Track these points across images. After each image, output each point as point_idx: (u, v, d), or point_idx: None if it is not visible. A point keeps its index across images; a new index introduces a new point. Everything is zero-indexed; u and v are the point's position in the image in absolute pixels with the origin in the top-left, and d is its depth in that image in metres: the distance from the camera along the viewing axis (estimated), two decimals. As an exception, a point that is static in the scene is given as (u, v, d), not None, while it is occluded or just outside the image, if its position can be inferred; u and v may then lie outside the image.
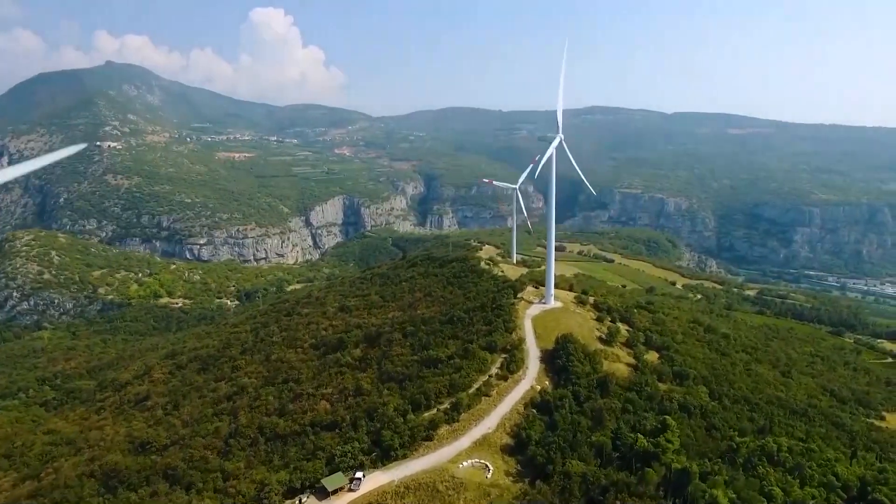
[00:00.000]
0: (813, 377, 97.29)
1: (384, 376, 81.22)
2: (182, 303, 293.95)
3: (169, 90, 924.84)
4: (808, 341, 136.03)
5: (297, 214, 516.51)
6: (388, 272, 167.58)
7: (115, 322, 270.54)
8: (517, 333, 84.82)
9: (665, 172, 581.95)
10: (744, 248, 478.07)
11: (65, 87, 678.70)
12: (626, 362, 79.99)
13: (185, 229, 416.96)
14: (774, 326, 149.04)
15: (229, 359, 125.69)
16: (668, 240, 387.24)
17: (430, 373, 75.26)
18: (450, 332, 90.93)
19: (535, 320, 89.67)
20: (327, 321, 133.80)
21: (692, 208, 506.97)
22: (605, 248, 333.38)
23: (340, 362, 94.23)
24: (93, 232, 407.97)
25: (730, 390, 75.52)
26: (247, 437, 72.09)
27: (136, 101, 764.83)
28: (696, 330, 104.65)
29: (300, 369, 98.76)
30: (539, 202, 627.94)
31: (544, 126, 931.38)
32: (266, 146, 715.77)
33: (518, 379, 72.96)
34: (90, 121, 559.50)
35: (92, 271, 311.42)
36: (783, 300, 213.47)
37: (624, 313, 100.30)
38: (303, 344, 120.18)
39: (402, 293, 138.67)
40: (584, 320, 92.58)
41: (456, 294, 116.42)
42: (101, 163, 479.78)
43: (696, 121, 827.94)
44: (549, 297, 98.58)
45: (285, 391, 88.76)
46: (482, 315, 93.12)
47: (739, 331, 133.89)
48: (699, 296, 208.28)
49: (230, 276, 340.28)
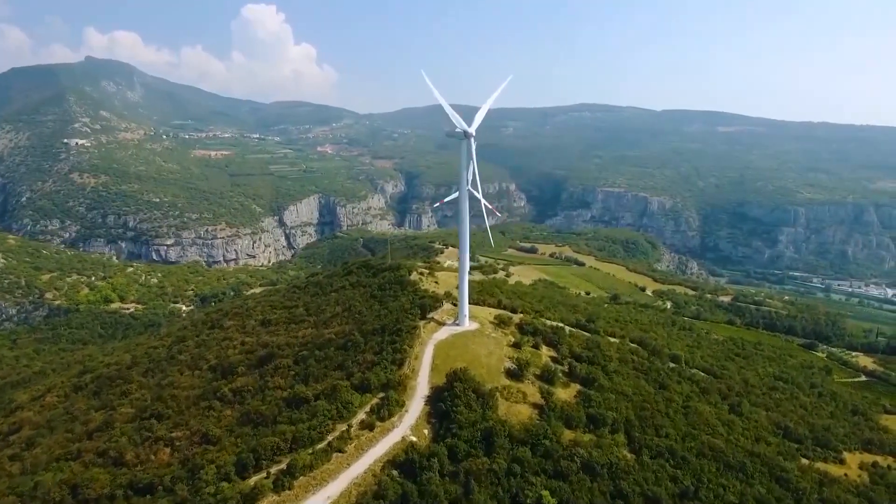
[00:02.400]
0: (767, 409, 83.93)
1: (244, 417, 67.46)
2: (134, 308, 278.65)
3: (151, 87, 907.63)
4: (775, 358, 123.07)
5: (270, 214, 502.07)
6: (323, 280, 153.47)
7: (59, 329, 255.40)
8: (409, 365, 70.87)
9: (650, 171, 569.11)
10: (728, 249, 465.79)
11: (39, 82, 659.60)
12: (533, 402, 66.21)
13: (152, 230, 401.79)
14: (740, 341, 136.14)
15: (125, 381, 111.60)
16: (647, 241, 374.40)
17: (287, 417, 61.37)
18: (339, 360, 77.18)
19: (438, 348, 75.76)
20: (241, 337, 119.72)
21: (676, 207, 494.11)
22: (581, 249, 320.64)
23: (217, 393, 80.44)
24: (55, 233, 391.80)
25: (654, 439, 61.93)
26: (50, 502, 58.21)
27: (115, 97, 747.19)
28: (639, 354, 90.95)
29: (178, 400, 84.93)
30: (521, 201, 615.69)
31: (531, 123, 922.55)
32: (246, 144, 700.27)
33: (389, 428, 59.03)
34: (59, 117, 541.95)
35: (41, 275, 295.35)
36: (758, 307, 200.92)
37: (552, 336, 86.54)
38: (203, 365, 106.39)
39: (326, 305, 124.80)
40: (498, 347, 78.71)
41: (374, 310, 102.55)
42: (68, 161, 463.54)
43: (685, 118, 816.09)
44: (463, 319, 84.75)
45: (143, 429, 74.91)
46: (378, 340, 79.31)
47: (699, 348, 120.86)
48: (668, 303, 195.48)
49: (190, 280, 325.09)
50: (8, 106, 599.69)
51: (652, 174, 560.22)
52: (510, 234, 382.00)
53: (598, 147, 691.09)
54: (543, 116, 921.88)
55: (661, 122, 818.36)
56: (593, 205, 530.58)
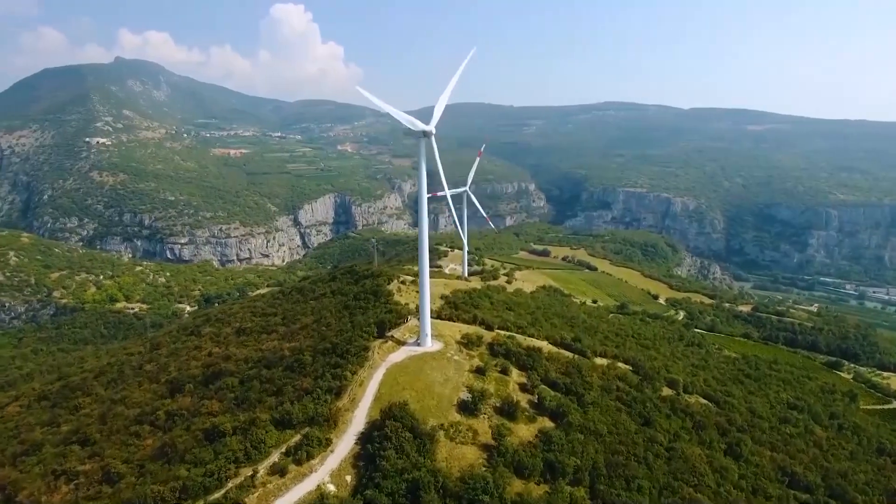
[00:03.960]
0: (773, 449, 72.62)
1: (160, 450, 59.62)
2: (138, 308, 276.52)
3: (177, 86, 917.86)
4: (791, 381, 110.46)
5: (285, 213, 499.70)
6: (307, 286, 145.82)
7: (63, 328, 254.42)
8: (350, 394, 61.97)
9: (674, 170, 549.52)
10: (754, 252, 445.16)
11: (67, 82, 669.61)
12: (483, 443, 56.60)
13: (167, 228, 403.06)
14: (754, 359, 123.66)
15: (84, 393, 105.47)
16: (667, 243, 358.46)
17: (194, 456, 52.97)
18: (281, 383, 68.80)
19: (389, 373, 66.63)
20: (210, 347, 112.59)
21: (700, 209, 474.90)
22: (596, 252, 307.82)
23: (153, 415, 73.05)
24: (73, 230, 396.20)
25: (622, 494, 51.69)
26: None
27: (140, 96, 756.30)
28: (627, 379, 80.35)
29: (117, 420, 77.84)
30: (540, 201, 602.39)
31: (553, 121, 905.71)
32: (266, 142, 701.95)
33: (306, 472, 50.17)
34: (83, 116, 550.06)
35: (50, 273, 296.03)
36: (780, 318, 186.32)
37: (525, 358, 76.63)
38: (163, 378, 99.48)
39: (302, 315, 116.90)
40: (458, 372, 69.19)
41: (341, 324, 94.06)
42: (88, 159, 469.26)
43: (712, 116, 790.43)
44: (425, 338, 75.38)
45: (62, 456, 67.80)
46: (325, 362, 70.68)
47: (704, 369, 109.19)
48: (681, 313, 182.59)
49: (198, 279, 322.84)
50: (36, 105, 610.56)
51: (675, 174, 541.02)
52: (524, 235, 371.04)
53: (621, 146, 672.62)
54: (566, 115, 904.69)
55: (687, 120, 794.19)
56: (614, 205, 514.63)
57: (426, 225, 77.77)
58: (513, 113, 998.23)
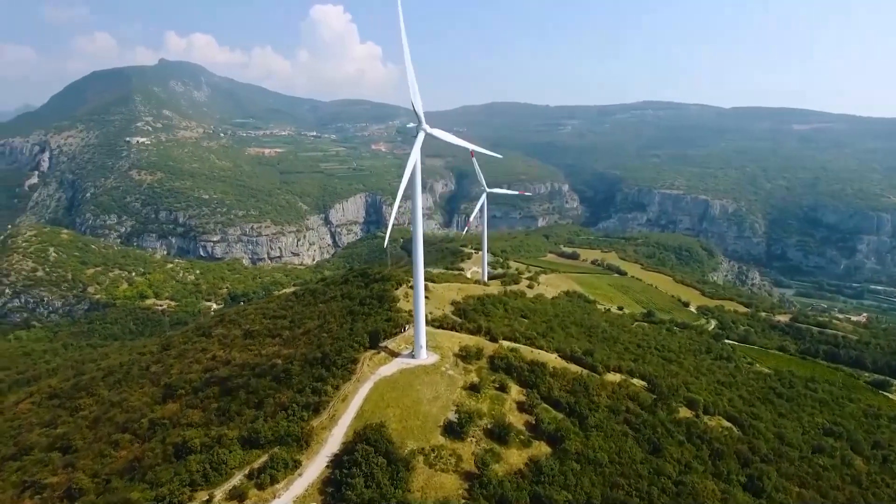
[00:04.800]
0: (802, 485, 65.05)
1: (129, 466, 56.88)
2: (167, 305, 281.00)
3: (217, 86, 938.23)
4: (829, 402, 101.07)
5: (316, 212, 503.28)
6: (320, 288, 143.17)
7: (94, 323, 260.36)
8: (331, 411, 57.91)
9: (712, 171, 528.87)
10: (797, 257, 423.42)
11: (113, 84, 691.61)
12: (466, 470, 51.68)
13: (200, 226, 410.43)
14: (789, 375, 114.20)
15: (88, 394, 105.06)
16: (703, 247, 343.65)
17: (155, 475, 49.75)
18: (265, 394, 65.36)
19: (377, 388, 62.27)
20: (215, 350, 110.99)
21: (740, 211, 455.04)
22: (628, 256, 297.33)
23: (137, 423, 70.77)
24: (113, 227, 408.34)
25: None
26: None
27: (181, 97, 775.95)
28: (639, 399, 73.91)
29: (107, 425, 76.12)
30: (574, 202, 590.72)
31: (590, 121, 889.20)
32: (301, 142, 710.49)
33: (266, 499, 46.03)
34: (125, 117, 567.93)
35: (86, 269, 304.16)
36: (821, 330, 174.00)
37: (527, 374, 71.20)
38: (162, 381, 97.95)
39: (308, 319, 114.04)
40: (450, 389, 64.30)
41: (342, 330, 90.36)
42: (128, 158, 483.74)
43: (755, 116, 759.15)
44: (419, 350, 70.73)
45: (41, 463, 66.06)
46: (313, 373, 66.92)
47: (730, 386, 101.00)
48: (713, 323, 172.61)
49: (226, 277, 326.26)
50: (84, 107, 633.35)
51: (714, 175, 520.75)
52: (554, 237, 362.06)
53: (658, 146, 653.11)
54: (603, 115, 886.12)
55: (729, 120, 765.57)
56: (649, 207, 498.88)
57: (420, 228, 73.01)
58: (549, 112, 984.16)
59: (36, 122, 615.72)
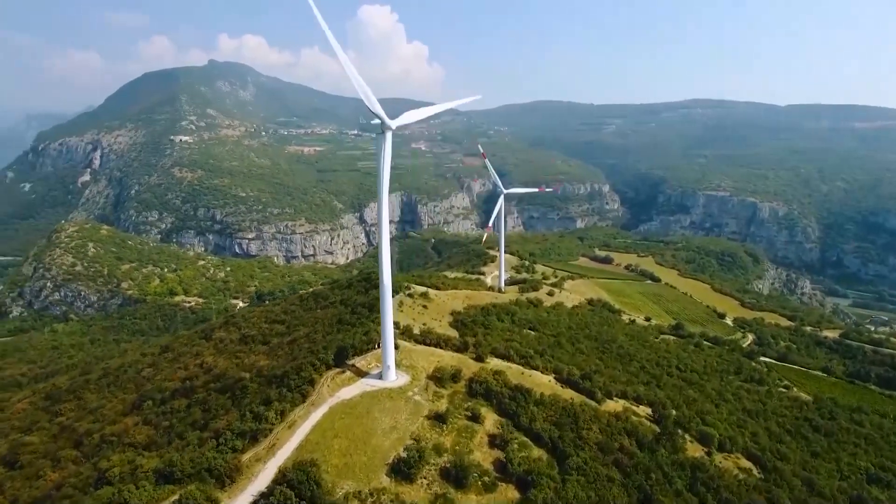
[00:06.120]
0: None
1: (46, 495, 52.38)
2: (194, 302, 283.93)
3: (263, 86, 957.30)
4: (876, 441, 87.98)
5: (351, 211, 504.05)
6: (324, 292, 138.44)
7: (125, 319, 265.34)
8: (272, 440, 51.85)
9: (762, 172, 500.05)
10: (855, 265, 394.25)
11: (162, 85, 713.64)
12: (407, 521, 44.65)
13: (236, 223, 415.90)
14: (830, 404, 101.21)
15: (76, 396, 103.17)
16: (748, 253, 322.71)
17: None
18: (211, 415, 60.03)
19: (332, 414, 55.78)
20: (204, 357, 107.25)
21: (791, 215, 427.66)
22: (665, 261, 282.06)
23: (86, 440, 66.74)
24: (154, 224, 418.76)
25: None
26: None
27: (227, 96, 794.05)
28: (639, 432, 64.75)
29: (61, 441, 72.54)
30: (614, 203, 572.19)
31: (634, 120, 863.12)
32: (341, 141, 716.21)
33: (167, 551, 40.68)
34: (171, 116, 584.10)
35: (121, 265, 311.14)
36: (876, 349, 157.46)
37: (508, 402, 63.32)
38: (141, 389, 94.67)
39: (302, 325, 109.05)
40: (413, 417, 57.10)
41: (324, 341, 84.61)
42: (171, 156, 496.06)
43: (811, 113, 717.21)
44: (387, 371, 63.80)
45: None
46: (267, 393, 61.05)
47: (757, 416, 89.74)
48: (749, 337, 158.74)
49: (256, 275, 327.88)
50: (134, 107, 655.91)
51: (764, 176, 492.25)
52: (588, 240, 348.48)
53: (705, 145, 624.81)
54: (648, 113, 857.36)
55: (783, 118, 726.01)
56: (693, 209, 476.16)
57: (387, 238, 66.03)
58: (592, 111, 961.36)
59: (91, 122, 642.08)
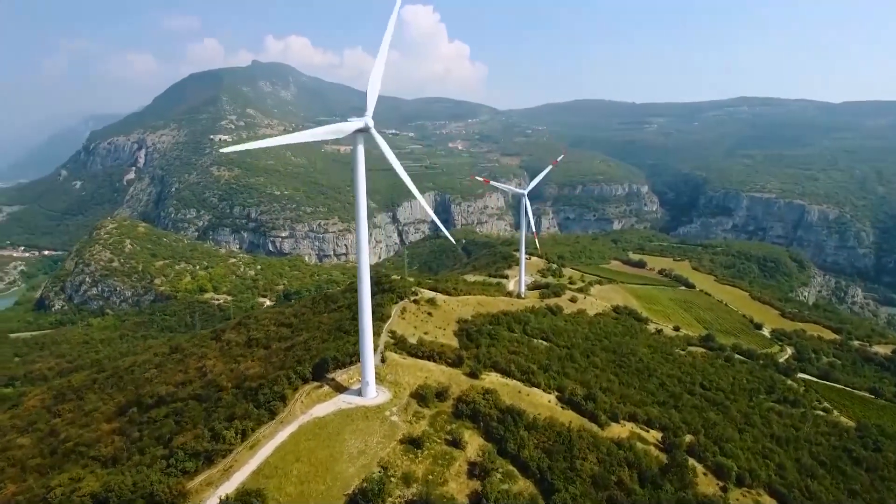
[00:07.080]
0: None
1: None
2: (223, 299, 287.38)
3: (304, 86, 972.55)
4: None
5: (384, 210, 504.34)
6: (335, 294, 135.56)
7: (155, 315, 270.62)
8: (228, 462, 48.28)
9: (812, 173, 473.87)
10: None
11: (207, 85, 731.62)
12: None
13: (270, 221, 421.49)
14: (874, 432, 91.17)
15: (77, 397, 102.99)
16: (793, 258, 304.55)
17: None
18: (178, 429, 57.07)
19: (299, 434, 51.81)
20: (206, 360, 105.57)
21: (843, 219, 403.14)
22: (703, 266, 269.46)
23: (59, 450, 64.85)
24: (192, 221, 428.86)
25: None
26: None
27: (268, 96, 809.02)
28: (642, 465, 58.52)
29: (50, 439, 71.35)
30: (653, 205, 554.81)
31: (678, 119, 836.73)
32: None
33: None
34: (212, 116, 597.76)
35: (155, 261, 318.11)
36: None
37: (495, 425, 58.09)
38: (140, 389, 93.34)
39: (305, 329, 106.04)
40: (385, 441, 52.52)
41: (318, 350, 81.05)
42: (210, 155, 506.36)
43: (869, 111, 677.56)
44: (366, 388, 59.50)
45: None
46: (237, 409, 57.63)
47: (788, 445, 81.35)
48: (788, 351, 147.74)
49: (285, 274, 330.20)
50: (178, 107, 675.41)
51: (814, 177, 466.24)
52: (623, 243, 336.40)
53: (751, 145, 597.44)
54: (692, 112, 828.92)
55: (837, 116, 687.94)
56: (736, 212, 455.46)
57: (366, 245, 61.69)
58: (634, 110, 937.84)
59: (138, 121, 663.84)
